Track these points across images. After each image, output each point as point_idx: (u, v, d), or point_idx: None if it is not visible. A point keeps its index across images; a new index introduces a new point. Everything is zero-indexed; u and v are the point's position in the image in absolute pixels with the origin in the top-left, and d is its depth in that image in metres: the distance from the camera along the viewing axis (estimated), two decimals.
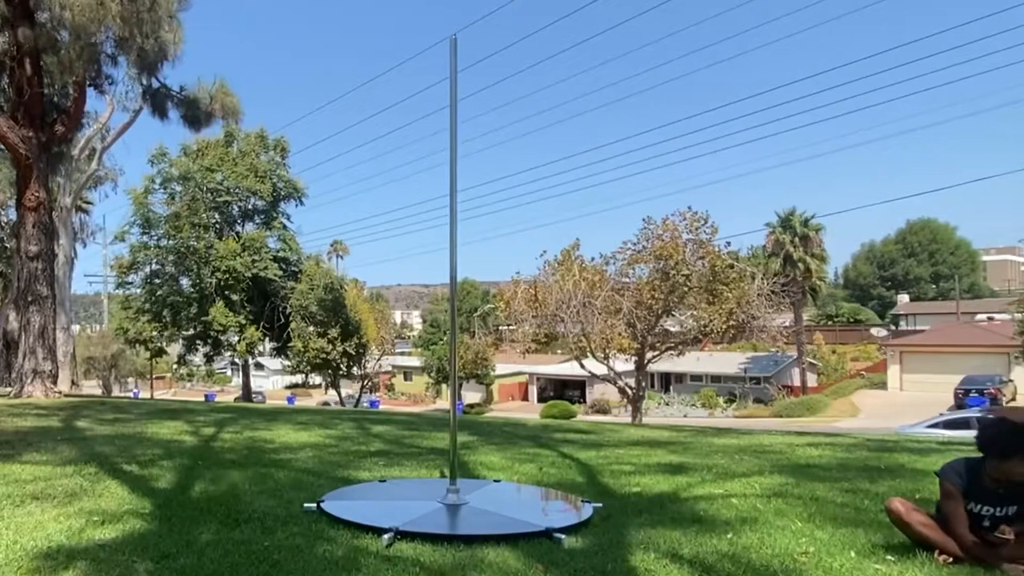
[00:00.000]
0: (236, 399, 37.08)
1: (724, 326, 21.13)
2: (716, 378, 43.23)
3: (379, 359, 39.10)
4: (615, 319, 21.78)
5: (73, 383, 19.45)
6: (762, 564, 2.99)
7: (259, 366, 44.03)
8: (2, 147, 14.26)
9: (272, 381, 63.01)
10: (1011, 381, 35.36)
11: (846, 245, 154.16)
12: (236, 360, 37.34)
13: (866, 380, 43.71)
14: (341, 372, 35.33)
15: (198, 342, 34.78)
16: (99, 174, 23.25)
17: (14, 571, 2.86)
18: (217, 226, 33.97)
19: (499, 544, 3.26)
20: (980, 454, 3.04)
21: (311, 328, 32.51)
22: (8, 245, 21.69)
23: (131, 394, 48.47)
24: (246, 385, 37.46)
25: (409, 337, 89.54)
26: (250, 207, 34.77)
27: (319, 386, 57.50)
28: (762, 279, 22.02)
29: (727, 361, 43.51)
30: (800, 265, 41.56)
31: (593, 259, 23.14)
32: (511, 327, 29.55)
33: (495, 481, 4.93)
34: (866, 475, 5.21)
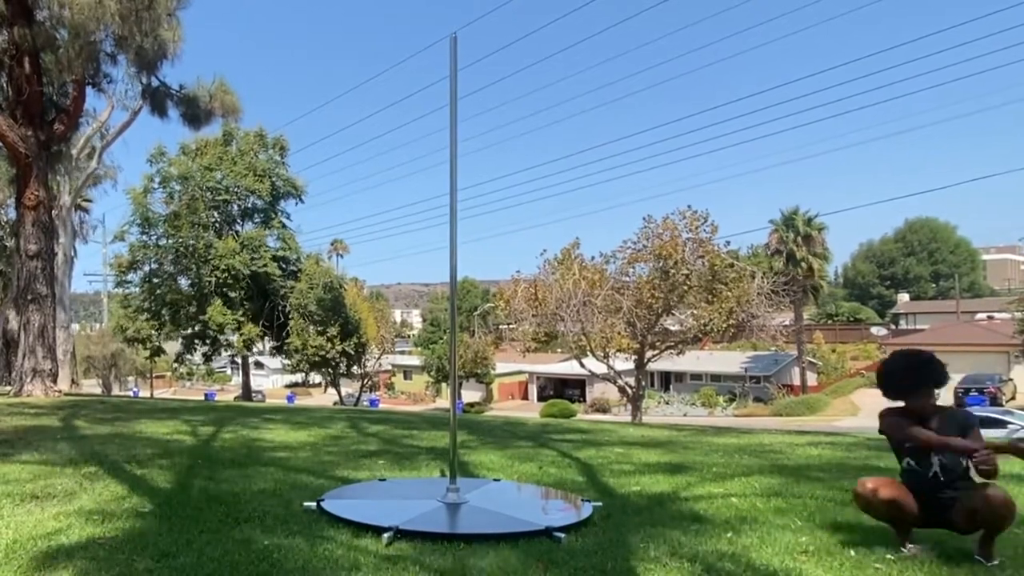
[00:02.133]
0: (236, 398, 37.08)
1: (724, 325, 21.13)
2: (716, 377, 43.22)
3: (379, 358, 39.08)
4: (615, 318, 21.78)
5: (73, 382, 19.45)
6: (762, 564, 2.98)
7: (259, 365, 43.99)
8: (1, 146, 14.23)
9: (272, 380, 63.02)
10: (1011, 380, 35.36)
11: (845, 244, 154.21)
12: (236, 359, 37.31)
13: (866, 379, 43.68)
14: (340, 371, 35.29)
15: (196, 341, 34.78)
16: (99, 173, 23.20)
17: (14, 570, 2.86)
18: (216, 225, 33.94)
19: (499, 543, 3.26)
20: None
21: (311, 328, 32.49)
22: (7, 244, 21.67)
23: (131, 393, 48.47)
24: (246, 384, 37.46)
25: (409, 336, 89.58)
26: (249, 206, 34.74)
27: (319, 385, 57.47)
28: (762, 278, 22.02)
29: (727, 360, 43.50)
30: (803, 264, 41.56)
31: (593, 258, 23.15)
32: (511, 326, 29.57)
33: (495, 480, 4.93)
34: (867, 474, 5.20)
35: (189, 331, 34.05)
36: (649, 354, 23.16)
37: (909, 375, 3.12)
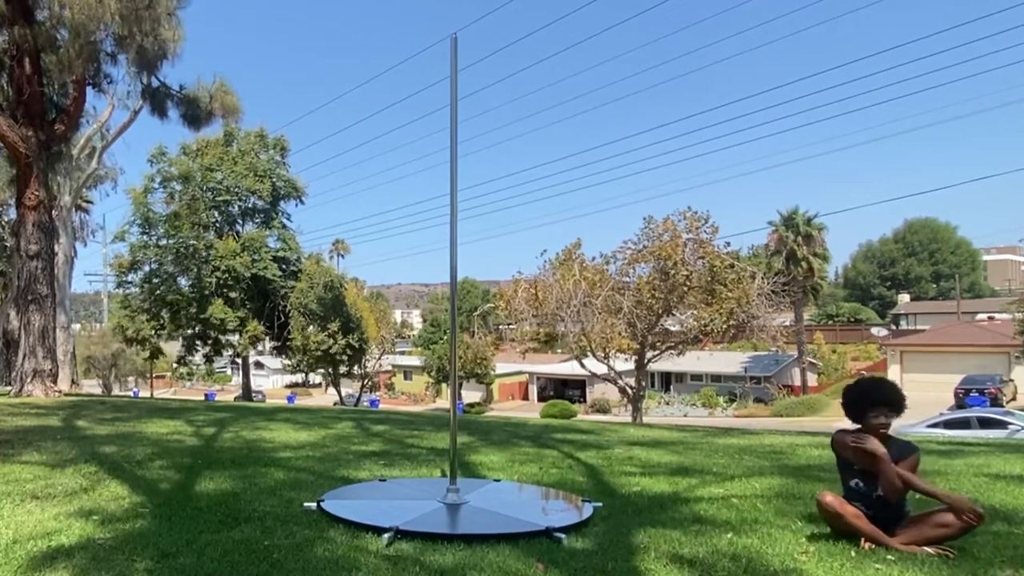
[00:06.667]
0: (236, 398, 37.07)
1: (724, 325, 21.11)
2: (716, 377, 43.21)
3: (379, 358, 39.07)
4: (615, 319, 21.76)
5: (73, 382, 19.41)
6: (762, 564, 2.98)
7: (259, 365, 44.05)
8: (2, 146, 14.23)
9: (272, 380, 63.01)
10: (1011, 381, 35.30)
11: (845, 244, 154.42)
12: (236, 359, 37.33)
13: None
14: (342, 366, 35.18)
15: (197, 342, 34.78)
16: (99, 173, 23.20)
17: (13, 570, 2.86)
18: (217, 225, 33.96)
19: (499, 543, 3.26)
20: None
21: (311, 327, 32.47)
22: (8, 244, 21.67)
23: (131, 393, 48.46)
24: (246, 384, 37.47)
25: (409, 336, 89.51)
26: (250, 206, 34.76)
27: (319, 385, 57.45)
28: (762, 278, 21.99)
29: (727, 360, 43.48)
30: (803, 264, 41.55)
31: (594, 258, 23.13)
32: (511, 326, 29.56)
33: (495, 480, 4.93)
34: None
35: (189, 331, 34.06)
36: (649, 354, 23.14)
37: (864, 398, 3.34)
